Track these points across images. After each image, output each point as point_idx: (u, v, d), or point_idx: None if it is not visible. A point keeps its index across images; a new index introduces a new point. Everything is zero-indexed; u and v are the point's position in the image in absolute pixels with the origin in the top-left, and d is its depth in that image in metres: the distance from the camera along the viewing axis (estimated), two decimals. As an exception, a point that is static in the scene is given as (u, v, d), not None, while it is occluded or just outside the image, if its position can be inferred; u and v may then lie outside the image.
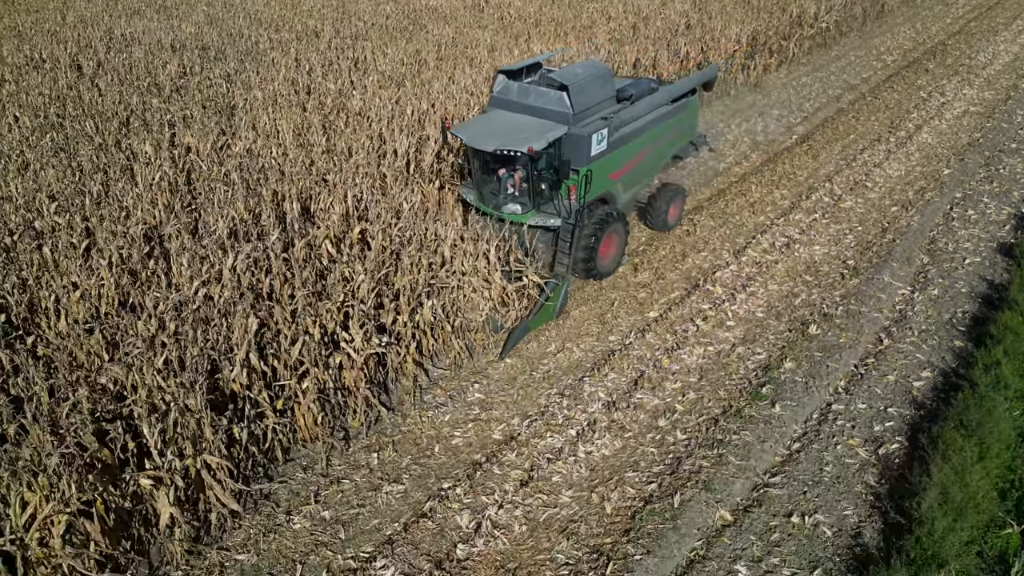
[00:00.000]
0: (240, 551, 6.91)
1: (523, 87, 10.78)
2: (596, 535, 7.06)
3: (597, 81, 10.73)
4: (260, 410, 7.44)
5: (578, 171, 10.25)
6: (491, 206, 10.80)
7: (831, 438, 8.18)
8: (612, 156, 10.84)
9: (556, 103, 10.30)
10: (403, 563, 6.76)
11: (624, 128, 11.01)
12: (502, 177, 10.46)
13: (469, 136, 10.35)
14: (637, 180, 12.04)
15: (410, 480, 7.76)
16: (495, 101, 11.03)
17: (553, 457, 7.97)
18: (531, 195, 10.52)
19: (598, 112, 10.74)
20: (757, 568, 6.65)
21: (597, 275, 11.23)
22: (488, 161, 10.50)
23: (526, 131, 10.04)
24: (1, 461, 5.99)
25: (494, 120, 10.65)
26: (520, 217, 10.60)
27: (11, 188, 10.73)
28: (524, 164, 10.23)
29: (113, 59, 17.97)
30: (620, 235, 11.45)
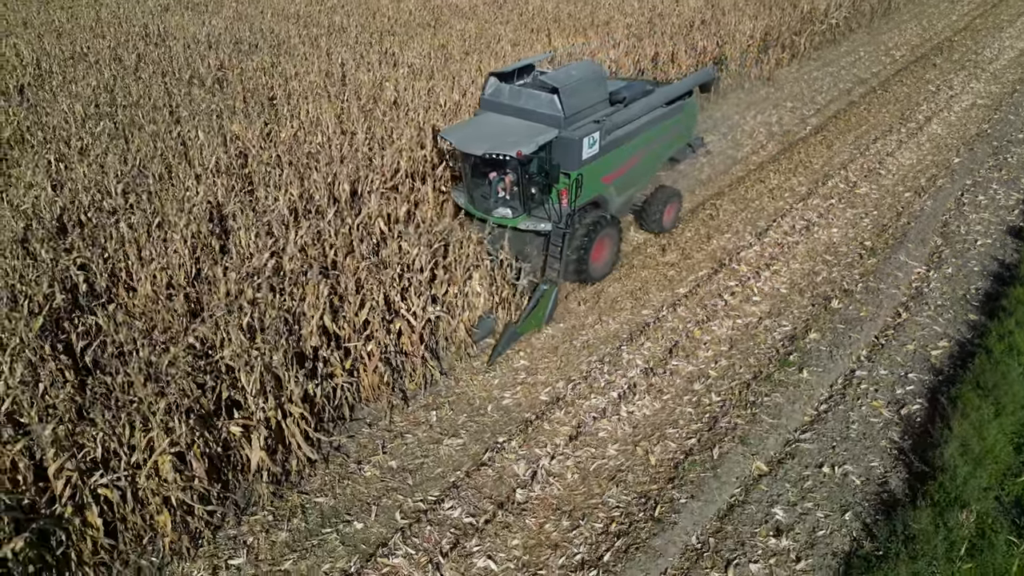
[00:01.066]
0: (318, 495, 7.49)
1: (514, 89, 10.57)
2: (643, 483, 7.63)
3: (589, 83, 10.54)
4: (330, 370, 8.01)
5: (569, 175, 10.10)
6: (482, 210, 10.64)
7: (856, 400, 8.74)
8: (604, 159, 10.65)
9: (547, 106, 10.11)
10: (468, 504, 7.34)
11: (617, 131, 10.80)
12: (492, 181, 10.31)
13: (458, 139, 10.16)
14: (631, 183, 11.85)
15: (467, 435, 8.35)
16: (486, 104, 10.83)
17: (598, 416, 8.54)
18: (522, 199, 10.33)
19: (590, 115, 10.53)
20: (793, 511, 7.21)
21: (589, 279, 11.07)
22: (478, 165, 10.35)
23: (516, 134, 9.84)
24: (114, 406, 6.56)
25: (484, 123, 10.49)
26: (511, 221, 10.43)
27: (78, 171, 11.32)
28: (514, 168, 10.05)
29: (152, 53, 18.58)
30: (613, 239, 11.27)
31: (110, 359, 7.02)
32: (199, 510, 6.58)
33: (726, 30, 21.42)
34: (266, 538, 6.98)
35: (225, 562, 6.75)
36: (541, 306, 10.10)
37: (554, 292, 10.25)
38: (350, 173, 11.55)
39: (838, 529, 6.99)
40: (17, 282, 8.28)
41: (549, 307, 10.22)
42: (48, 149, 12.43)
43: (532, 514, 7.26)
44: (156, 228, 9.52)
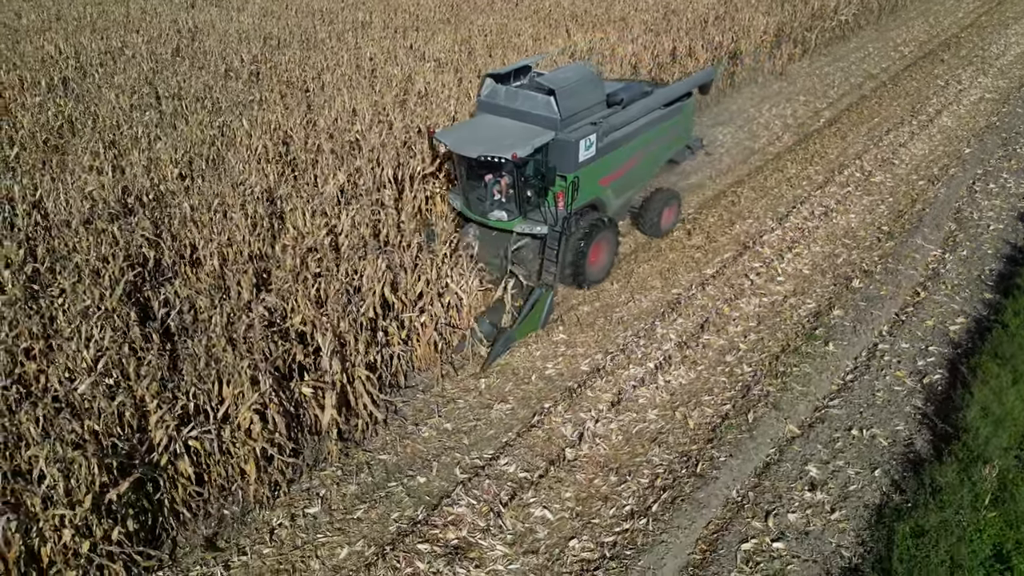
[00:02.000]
0: (381, 453, 7.99)
1: (511, 91, 10.41)
2: (683, 444, 8.10)
3: (586, 85, 10.41)
4: (388, 339, 8.48)
5: (565, 177, 9.97)
6: (477, 213, 10.47)
7: (880, 371, 9.19)
8: (601, 162, 10.50)
9: (543, 108, 9.97)
10: (522, 461, 7.82)
11: (614, 133, 10.64)
12: (488, 183, 10.15)
13: (453, 141, 10.00)
14: (629, 186, 11.66)
15: (515, 400, 8.82)
16: (483, 105, 10.64)
17: (637, 384, 9.01)
18: (518, 202, 10.14)
19: (587, 117, 10.37)
20: (825, 469, 7.67)
21: (586, 284, 10.88)
22: (474, 167, 10.14)
23: (512, 136, 9.69)
24: (201, 366, 7.04)
25: (480, 125, 10.35)
26: (507, 224, 10.26)
27: (133, 156, 11.79)
28: (510, 170, 9.86)
29: (187, 47, 19.06)
30: (610, 242, 11.10)
31: (192, 324, 7.50)
32: (278, 463, 7.07)
33: (740, 25, 21.87)
34: (337, 490, 7.48)
35: (302, 511, 7.25)
36: (537, 310, 9.92)
37: (550, 296, 10.09)
38: (391, 159, 12.03)
39: (868, 484, 7.46)
40: (93, 257, 8.77)
41: (545, 311, 10.05)
42: (100, 137, 12.94)
43: (582, 470, 7.74)
44: (216, 208, 10.02)
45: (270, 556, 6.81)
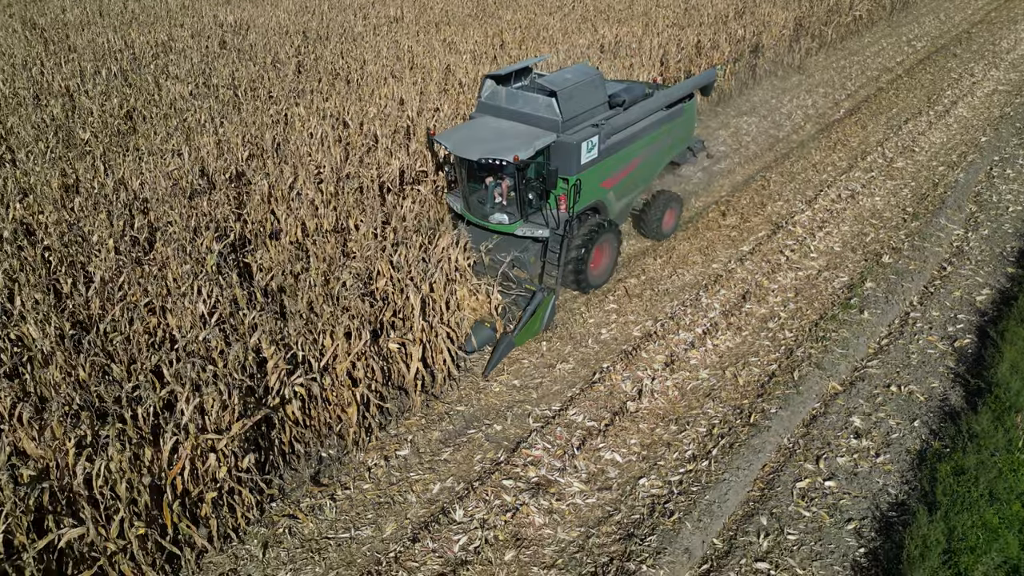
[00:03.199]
0: (458, 405, 8.63)
1: (511, 92, 10.22)
2: (735, 398, 8.70)
3: (588, 86, 10.19)
4: (457, 302, 9.10)
5: (567, 180, 9.80)
6: (478, 216, 10.27)
7: (913, 336, 9.78)
8: (603, 164, 10.31)
9: (544, 109, 9.79)
10: (588, 413, 8.44)
11: (616, 135, 10.46)
12: (489, 186, 10.07)
13: (454, 144, 9.70)
14: (631, 188, 11.45)
15: (575, 361, 9.44)
16: (483, 107, 10.45)
17: (687, 347, 9.61)
18: (519, 205, 9.96)
19: (589, 119, 10.20)
20: (868, 419, 8.26)
21: (587, 287, 10.66)
22: (474, 169, 10.03)
23: (513, 138, 9.49)
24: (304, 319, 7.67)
25: (480, 127, 10.10)
26: (508, 227, 10.04)
27: (202, 139, 12.42)
28: (511, 173, 9.71)
29: (232, 40, 19.68)
30: (612, 245, 10.93)
31: (291, 285, 8.13)
32: (373, 409, 7.69)
33: (760, 20, 22.41)
34: (423, 436, 8.12)
35: (393, 453, 7.89)
36: (538, 314, 9.72)
37: (552, 300, 9.91)
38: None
39: (909, 433, 8.06)
40: (183, 227, 9.40)
41: (546, 315, 9.88)
42: (166, 123, 13.57)
43: (644, 421, 8.35)
44: (292, 185, 10.64)
45: (370, 491, 7.46)
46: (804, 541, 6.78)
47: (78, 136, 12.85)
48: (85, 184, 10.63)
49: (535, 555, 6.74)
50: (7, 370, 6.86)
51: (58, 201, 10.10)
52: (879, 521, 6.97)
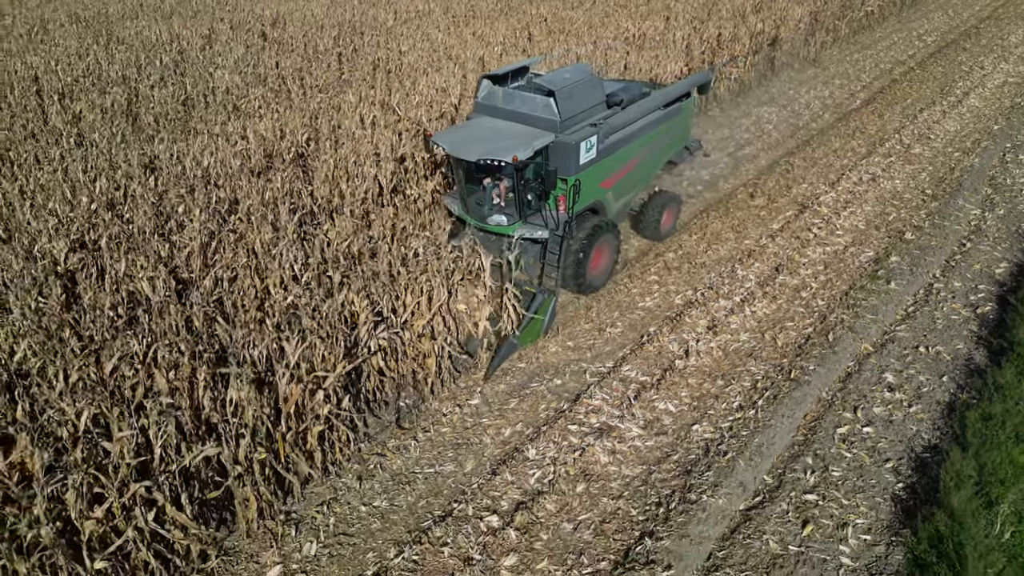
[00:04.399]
0: (518, 362, 9.28)
1: (508, 92, 10.05)
2: (775, 358, 9.30)
3: (585, 86, 10.05)
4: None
5: (566, 180, 9.62)
6: (476, 217, 10.10)
7: (938, 304, 10.36)
8: (602, 164, 10.17)
9: (542, 109, 9.64)
10: (640, 369, 9.05)
11: (615, 134, 10.34)
12: (487, 187, 9.91)
13: (451, 144, 9.55)
14: (629, 188, 11.34)
15: (623, 325, 10.05)
16: (480, 107, 10.29)
17: (727, 313, 10.21)
18: (518, 206, 9.79)
19: (587, 118, 10.04)
20: (900, 375, 8.86)
21: (587, 288, 10.55)
22: (472, 170, 9.86)
23: (511, 139, 9.34)
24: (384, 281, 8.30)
25: (478, 127, 9.95)
26: (506, 229, 9.88)
27: (260, 124, 13.04)
28: (510, 174, 9.55)
29: (271, 33, 20.29)
30: (611, 246, 10.83)
31: (367, 249, 8.76)
32: (447, 362, 8.30)
33: (777, 14, 22.94)
34: (490, 388, 8.76)
35: (465, 402, 8.53)
36: (539, 316, 9.60)
37: (552, 301, 9.79)
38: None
39: (938, 387, 8.65)
40: (260, 201, 10.04)
41: (547, 317, 9.74)
42: (223, 108, 14.20)
43: (692, 377, 8.97)
44: (354, 164, 11.26)
45: (448, 433, 8.10)
46: (847, 477, 7.38)
47: (143, 120, 13.50)
48: (163, 162, 11.29)
49: (603, 488, 7.36)
50: (126, 321, 7.51)
51: (140, 177, 10.75)
52: (915, 461, 7.57)
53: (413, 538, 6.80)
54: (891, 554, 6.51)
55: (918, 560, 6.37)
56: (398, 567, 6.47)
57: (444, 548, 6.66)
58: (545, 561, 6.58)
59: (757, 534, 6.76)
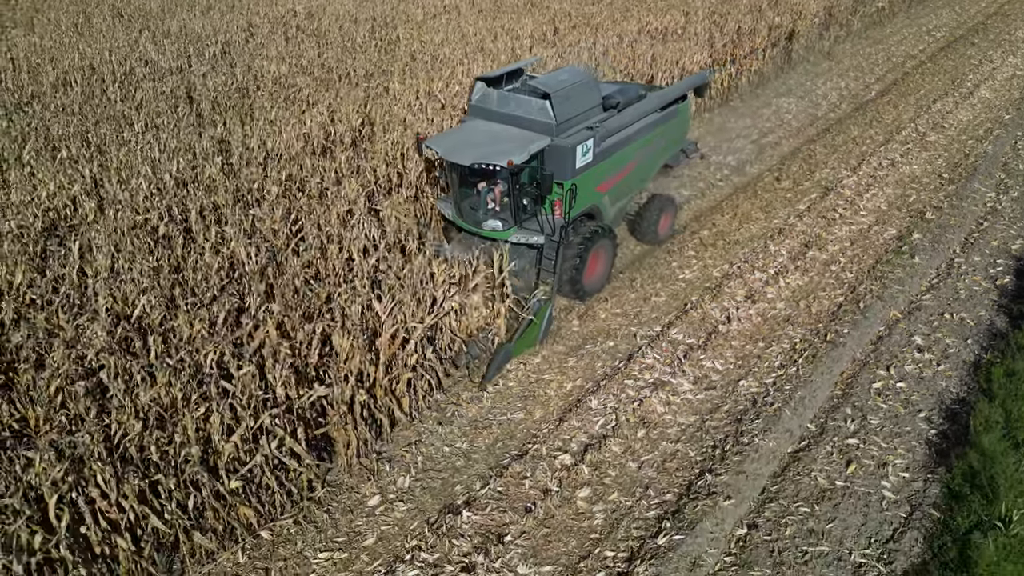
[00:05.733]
0: (574, 325, 9.91)
1: (503, 95, 9.79)
2: (809, 324, 9.93)
3: (582, 88, 9.84)
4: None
5: (562, 184, 9.34)
6: (470, 222, 9.88)
7: (959, 276, 10.98)
8: (599, 168, 9.95)
9: (538, 112, 9.37)
10: (686, 332, 9.69)
11: (611, 138, 10.08)
12: (481, 192, 9.69)
13: (445, 148, 9.34)
14: (626, 192, 11.17)
15: (666, 295, 10.70)
16: (474, 110, 10.05)
17: (763, 284, 10.83)
18: (513, 211, 9.59)
19: (583, 121, 9.82)
20: (928, 339, 9.48)
21: (584, 294, 10.34)
22: (466, 175, 9.67)
23: (506, 143, 9.11)
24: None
25: (472, 131, 9.71)
26: (502, 234, 9.66)
27: (313, 111, 13.67)
28: (505, 178, 9.36)
29: (307, 26, 20.92)
30: (608, 251, 10.61)
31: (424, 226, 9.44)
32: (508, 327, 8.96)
33: (793, 9, 23.51)
34: (549, 348, 9.40)
35: (527, 360, 9.18)
36: (535, 323, 9.39)
37: (549, 308, 9.57)
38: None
39: (963, 349, 9.27)
40: (325, 179, 10.69)
41: (544, 324, 9.53)
42: (273, 96, 14.82)
43: (735, 340, 9.60)
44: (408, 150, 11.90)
45: (514, 387, 8.77)
46: (884, 425, 8.01)
47: (203, 107, 14.13)
48: (231, 144, 11.93)
49: (661, 433, 8.00)
50: (231, 281, 8.19)
51: (211, 157, 11.38)
52: (945, 411, 8.19)
53: (495, 473, 7.46)
54: (928, 488, 7.15)
55: (953, 492, 7.00)
56: (485, 496, 7.13)
57: (525, 481, 7.31)
58: (616, 493, 7.23)
59: (805, 472, 7.40)
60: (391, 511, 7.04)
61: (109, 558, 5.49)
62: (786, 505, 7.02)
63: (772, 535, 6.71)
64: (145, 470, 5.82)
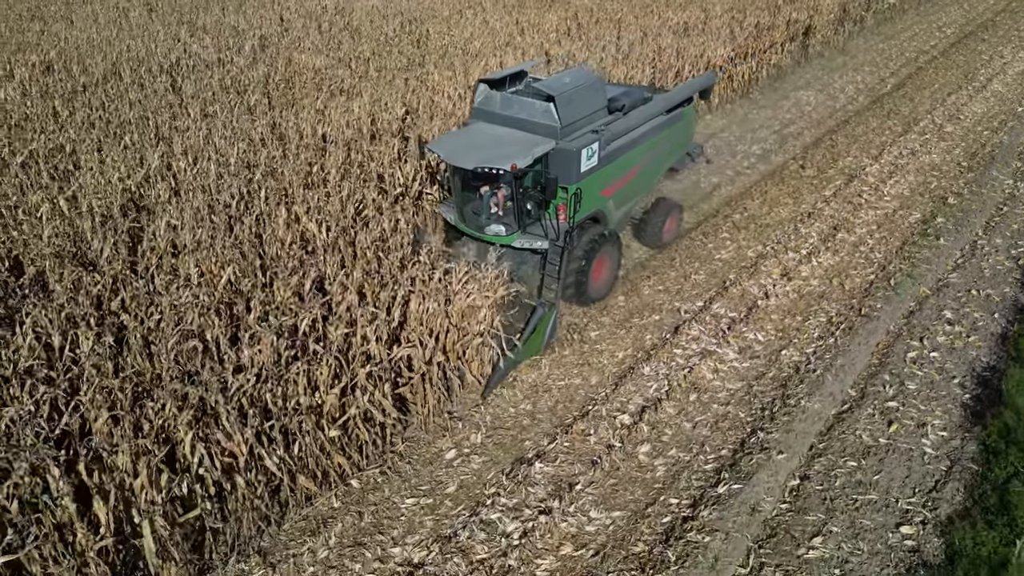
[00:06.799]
0: (620, 300, 10.40)
1: (507, 98, 9.59)
2: (843, 300, 10.39)
3: (587, 91, 9.62)
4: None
5: (567, 189, 9.17)
6: (473, 227, 9.68)
7: (983, 256, 11.43)
8: (603, 171, 9.74)
9: (542, 115, 9.18)
10: (727, 307, 10.16)
11: (616, 141, 9.87)
12: (484, 196, 9.56)
13: (447, 152, 9.16)
14: (631, 196, 10.93)
15: (704, 274, 11.17)
16: (477, 113, 9.84)
17: (797, 263, 11.29)
18: (516, 215, 9.38)
19: (588, 124, 9.63)
20: (957, 313, 9.94)
21: (588, 300, 10.13)
22: (469, 179, 9.50)
23: (509, 146, 8.91)
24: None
25: (475, 134, 9.51)
26: (505, 239, 9.45)
27: (356, 101, 14.12)
28: (508, 182, 9.15)
29: (339, 21, 21.38)
30: (613, 256, 10.40)
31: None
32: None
33: (809, 5, 23.93)
34: (596, 320, 9.87)
35: (580, 332, 9.65)
36: (539, 331, 9.15)
37: (553, 315, 9.34)
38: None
39: (991, 322, 9.73)
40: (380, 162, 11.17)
41: (548, 331, 9.32)
42: (317, 87, 15.30)
43: (774, 313, 10.07)
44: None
45: (569, 356, 9.28)
46: (921, 390, 8.47)
47: (250, 97, 14.59)
48: (285, 130, 12.40)
49: (712, 397, 8.48)
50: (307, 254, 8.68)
51: (269, 143, 11.85)
52: (977, 378, 8.65)
53: (560, 430, 7.94)
54: (965, 445, 7.60)
55: (990, 448, 7.46)
56: (554, 450, 7.61)
57: (589, 438, 7.79)
58: (674, 449, 7.70)
59: (850, 430, 7.86)
60: (467, 463, 7.54)
61: (227, 495, 5.99)
62: (834, 460, 7.49)
63: (823, 485, 7.18)
64: (263, 416, 6.30)
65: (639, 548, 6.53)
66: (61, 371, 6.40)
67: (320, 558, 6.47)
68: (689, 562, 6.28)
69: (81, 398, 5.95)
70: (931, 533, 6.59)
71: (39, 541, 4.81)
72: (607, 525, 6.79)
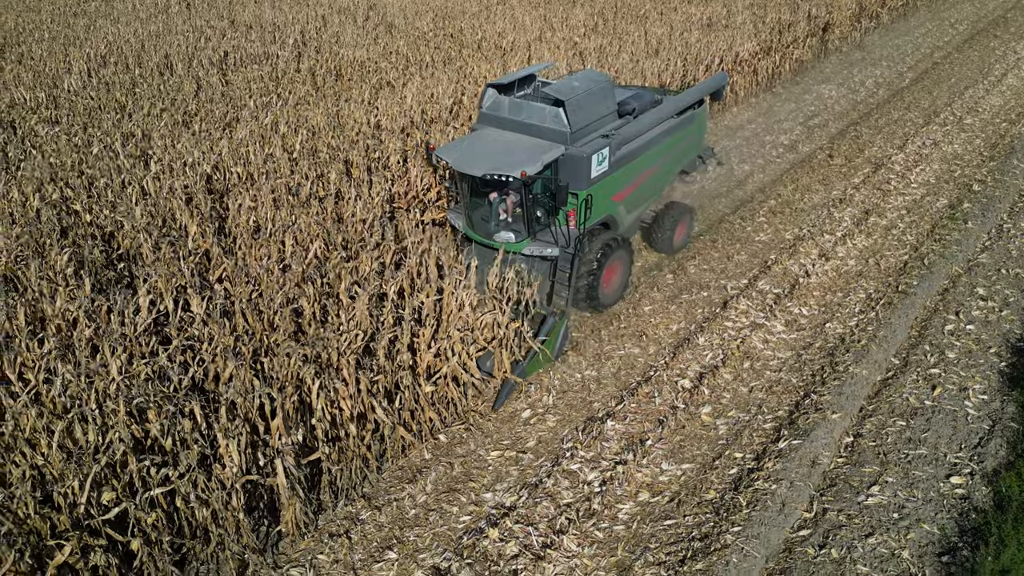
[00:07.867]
0: (668, 279, 10.86)
1: (515, 102, 9.41)
2: (880, 277, 10.87)
3: (597, 95, 9.44)
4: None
5: (577, 195, 9.05)
6: (482, 234, 9.50)
7: (1010, 238, 11.88)
8: (614, 177, 9.56)
9: (552, 120, 9.03)
10: (771, 284, 10.63)
11: (627, 145, 9.69)
12: (493, 202, 9.29)
13: (455, 158, 8.92)
14: (642, 201, 10.79)
15: (746, 255, 11.65)
16: (485, 118, 9.66)
17: (833, 244, 11.76)
18: (526, 222, 9.17)
19: (598, 129, 9.44)
20: (989, 290, 10.40)
21: (600, 307, 9.95)
22: (477, 185, 9.29)
23: (519, 152, 8.74)
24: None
25: (483, 140, 9.30)
26: (514, 246, 9.25)
27: (404, 91, 14.60)
28: (517, 188, 8.96)
29: (374, 16, 21.84)
30: (624, 263, 10.20)
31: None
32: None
33: (827, 2, 24.33)
34: (647, 297, 10.35)
35: (635, 305, 10.12)
36: (550, 340, 8.95)
37: (564, 323, 9.13)
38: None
39: (1022, 298, 10.19)
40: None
41: (559, 340, 9.13)
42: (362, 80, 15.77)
43: (815, 291, 10.55)
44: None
45: (624, 328, 9.78)
46: (960, 358, 8.94)
47: (299, 89, 15.08)
48: (341, 119, 12.89)
49: (764, 364, 8.97)
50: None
51: (330, 131, 12.34)
52: (1012, 348, 9.12)
53: (626, 393, 8.43)
54: (1006, 407, 8.08)
55: (1029, 409, 7.94)
56: (623, 411, 8.12)
57: (654, 400, 8.29)
58: (734, 411, 8.20)
59: (897, 394, 8.34)
60: (543, 421, 8.05)
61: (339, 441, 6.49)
62: (884, 419, 7.97)
63: (876, 442, 7.66)
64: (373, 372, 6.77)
65: (711, 495, 7.04)
66: (177, 331, 6.92)
67: (419, 502, 6.99)
68: (760, 507, 6.77)
69: (203, 354, 6.46)
70: (980, 483, 7.07)
71: (193, 472, 5.32)
72: (679, 476, 7.29)
